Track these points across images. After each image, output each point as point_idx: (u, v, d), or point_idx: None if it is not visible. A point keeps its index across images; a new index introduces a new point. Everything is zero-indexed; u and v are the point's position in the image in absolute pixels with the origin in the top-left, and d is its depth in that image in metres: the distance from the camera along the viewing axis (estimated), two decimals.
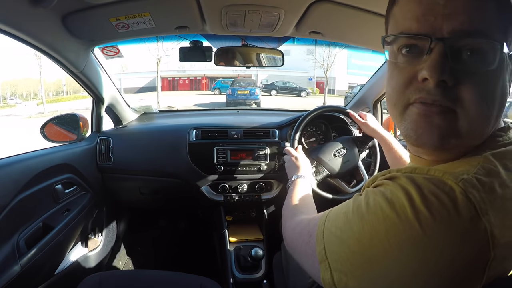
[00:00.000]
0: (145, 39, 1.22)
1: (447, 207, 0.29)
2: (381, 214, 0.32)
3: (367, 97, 1.50)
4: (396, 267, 0.30)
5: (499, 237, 0.28)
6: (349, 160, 1.06)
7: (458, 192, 0.29)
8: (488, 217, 0.28)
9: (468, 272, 0.29)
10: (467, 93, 0.32)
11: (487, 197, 0.29)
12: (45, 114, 12.57)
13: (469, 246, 0.28)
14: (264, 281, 1.14)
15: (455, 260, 0.28)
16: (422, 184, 0.31)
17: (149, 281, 0.90)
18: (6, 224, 0.78)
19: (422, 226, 0.29)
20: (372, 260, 0.32)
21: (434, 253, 0.29)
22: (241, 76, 14.66)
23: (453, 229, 0.28)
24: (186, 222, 1.77)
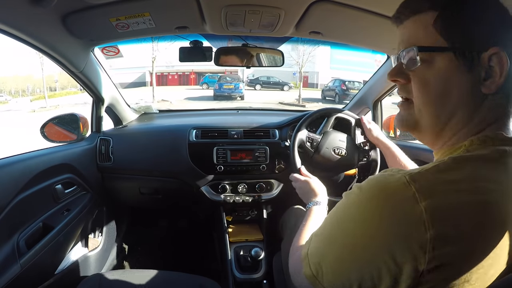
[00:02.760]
0: (144, 39, 1.22)
1: (388, 192, 0.37)
2: (341, 205, 0.44)
3: (367, 97, 1.50)
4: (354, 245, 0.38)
5: (435, 221, 0.34)
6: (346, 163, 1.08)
7: (402, 182, 0.36)
8: (424, 204, 0.34)
9: (408, 247, 0.34)
10: (414, 86, 0.44)
11: (428, 187, 0.35)
12: (47, 108, 12.87)
13: (406, 225, 0.35)
14: (264, 281, 1.13)
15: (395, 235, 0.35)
16: (375, 178, 0.40)
17: (149, 281, 0.90)
18: (6, 224, 0.78)
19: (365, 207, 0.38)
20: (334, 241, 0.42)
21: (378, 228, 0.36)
22: (227, 72, 15.40)
23: (391, 209, 0.36)
24: (186, 222, 1.77)
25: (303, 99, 12.85)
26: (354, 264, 0.38)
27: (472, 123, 0.41)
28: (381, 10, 0.85)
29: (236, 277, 1.14)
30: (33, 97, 18.86)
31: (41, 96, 18.45)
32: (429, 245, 0.33)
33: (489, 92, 0.40)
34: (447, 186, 0.36)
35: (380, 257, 0.36)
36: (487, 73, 0.39)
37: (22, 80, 26.98)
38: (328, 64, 19.06)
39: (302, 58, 13.33)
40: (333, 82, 13.86)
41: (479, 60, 0.39)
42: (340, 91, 12.76)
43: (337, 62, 18.56)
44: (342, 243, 0.40)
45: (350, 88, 12.57)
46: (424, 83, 0.43)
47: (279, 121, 1.37)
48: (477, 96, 0.40)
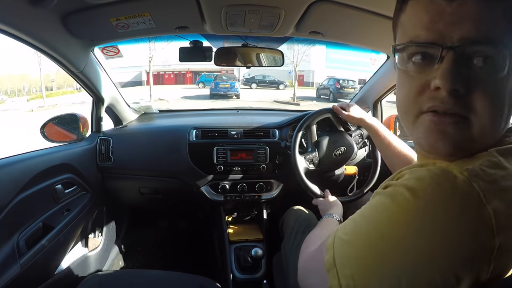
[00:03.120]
0: (143, 39, 1.21)
1: (448, 194, 0.29)
2: (384, 209, 0.33)
3: (367, 97, 1.50)
4: (403, 258, 0.30)
5: (503, 226, 0.29)
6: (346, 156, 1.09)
7: (461, 180, 0.29)
8: (492, 205, 0.28)
9: (473, 258, 0.29)
10: (479, 101, 0.32)
11: (491, 187, 0.29)
12: (45, 107, 12.92)
13: (473, 232, 0.29)
14: (264, 281, 1.14)
15: (459, 246, 0.29)
16: (425, 175, 0.31)
17: (149, 281, 0.90)
18: (6, 224, 0.78)
19: (424, 213, 0.30)
20: (379, 255, 0.32)
21: (438, 240, 0.29)
22: (223, 71, 15.51)
23: (455, 215, 0.29)
24: (186, 222, 1.77)
25: (298, 98, 12.96)
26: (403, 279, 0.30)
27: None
28: (381, 10, 0.85)
29: (236, 277, 1.14)
30: (30, 97, 18.82)
31: (38, 96, 18.51)
32: (496, 253, 0.29)
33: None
34: (505, 183, 0.30)
35: (438, 273, 0.29)
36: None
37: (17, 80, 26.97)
38: (323, 63, 19.31)
39: (296, 57, 13.54)
40: (327, 81, 14.02)
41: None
42: (334, 90, 12.88)
43: (333, 61, 18.80)
44: (385, 254, 0.31)
45: (344, 87, 12.69)
46: (498, 98, 0.32)
47: (279, 121, 1.37)
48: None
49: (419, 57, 0.35)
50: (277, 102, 12.17)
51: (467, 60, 0.32)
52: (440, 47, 0.32)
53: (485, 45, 0.31)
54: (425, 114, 0.35)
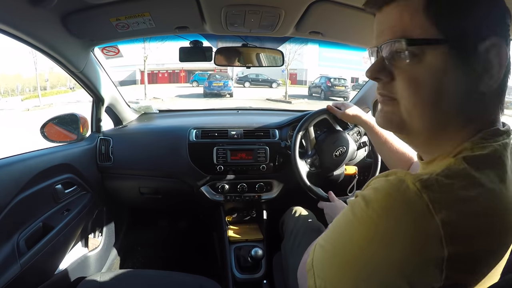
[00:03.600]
0: (144, 39, 1.21)
1: (398, 205, 0.32)
2: (345, 219, 0.38)
3: (367, 97, 1.50)
4: (362, 266, 0.34)
5: (454, 236, 0.30)
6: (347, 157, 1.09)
7: (412, 191, 0.31)
8: (441, 216, 0.30)
9: (422, 266, 0.31)
10: (400, 84, 0.38)
11: (443, 197, 0.31)
12: (41, 106, 12.91)
13: (420, 242, 0.30)
14: (264, 281, 1.14)
15: (408, 254, 0.31)
16: (382, 186, 0.34)
17: (149, 281, 0.90)
18: (6, 224, 0.78)
19: (376, 224, 0.33)
20: (345, 262, 0.36)
21: (389, 248, 0.32)
22: (217, 70, 15.71)
23: (404, 226, 0.31)
24: (186, 222, 1.77)
25: (290, 96, 13.15)
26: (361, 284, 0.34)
27: (472, 125, 0.37)
28: None
29: (236, 277, 1.14)
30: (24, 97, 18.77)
31: (32, 95, 18.53)
32: (446, 262, 0.30)
33: (488, 90, 0.35)
34: (462, 192, 0.32)
35: (391, 279, 0.32)
36: (485, 69, 0.35)
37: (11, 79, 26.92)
38: (316, 61, 19.60)
39: (288, 56, 13.73)
40: (319, 79, 14.26)
41: (477, 53, 0.34)
42: (326, 88, 13.14)
43: (326, 60, 19.11)
44: (348, 261, 0.35)
45: (335, 85, 13.03)
46: (414, 82, 0.37)
47: (279, 121, 1.37)
48: (475, 95, 0.36)
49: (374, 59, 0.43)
50: (269, 100, 12.38)
51: (393, 56, 0.38)
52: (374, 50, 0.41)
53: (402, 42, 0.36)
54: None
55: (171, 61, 19.37)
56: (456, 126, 0.37)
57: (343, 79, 13.60)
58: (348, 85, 13.49)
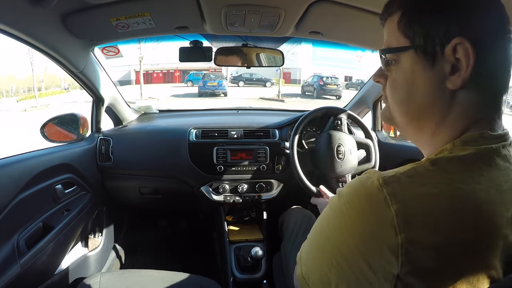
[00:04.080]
0: (143, 39, 1.21)
1: (361, 197, 0.37)
2: (323, 212, 0.44)
3: (367, 97, 1.50)
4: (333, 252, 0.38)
5: (406, 226, 0.33)
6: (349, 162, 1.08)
7: (375, 186, 0.36)
8: (395, 207, 0.34)
9: (381, 252, 0.34)
10: (388, 87, 0.45)
11: (400, 192, 0.35)
12: (38, 107, 12.90)
13: (378, 229, 0.34)
14: (264, 281, 1.14)
15: (368, 240, 0.35)
16: (354, 181, 0.40)
17: (149, 281, 0.90)
18: (6, 224, 0.78)
19: (343, 214, 0.38)
20: (320, 249, 0.42)
21: (352, 235, 0.36)
22: (211, 69, 15.99)
23: (364, 214, 0.36)
24: (186, 222, 1.77)
25: (283, 95, 13.38)
26: (333, 270, 0.38)
27: (448, 123, 0.40)
28: (381, 10, 0.85)
29: (236, 277, 1.14)
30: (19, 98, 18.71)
31: (27, 96, 18.48)
32: (400, 249, 0.33)
33: (455, 88, 0.38)
34: (421, 189, 0.35)
35: (356, 264, 0.36)
36: (455, 67, 0.37)
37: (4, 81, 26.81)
38: (310, 60, 19.78)
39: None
40: (311, 78, 14.55)
41: (443, 54, 0.38)
42: (318, 87, 13.49)
43: (319, 59, 19.32)
44: (322, 248, 0.41)
45: (327, 84, 13.45)
46: (393, 83, 0.44)
47: (279, 121, 1.37)
48: (444, 93, 0.39)
49: None
50: (262, 99, 12.67)
51: (385, 63, 0.45)
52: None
53: (390, 53, 0.43)
54: None
55: (165, 61, 19.50)
56: (431, 124, 0.42)
57: (335, 77, 14.08)
58: (339, 83, 13.89)
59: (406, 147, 1.26)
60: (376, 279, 0.35)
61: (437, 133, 0.41)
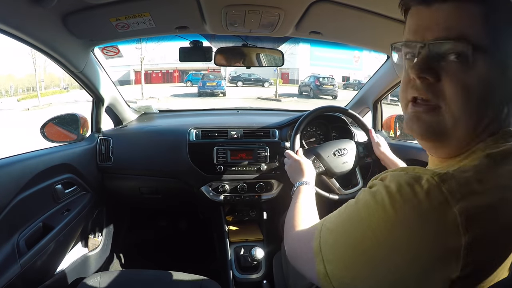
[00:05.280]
0: (144, 39, 1.21)
1: (418, 196, 0.33)
2: (365, 204, 0.38)
3: (367, 97, 1.50)
4: (374, 250, 0.35)
5: (470, 225, 0.31)
6: (347, 162, 1.06)
7: (431, 184, 0.33)
8: (458, 207, 0.31)
9: (441, 256, 0.32)
10: (448, 88, 0.37)
11: (459, 189, 0.32)
12: (40, 106, 13.03)
13: (439, 231, 0.32)
14: (264, 281, 1.14)
15: (427, 244, 0.32)
16: (402, 179, 0.35)
17: (149, 281, 0.90)
18: (6, 224, 0.78)
19: (396, 211, 0.34)
20: (354, 245, 0.37)
21: (409, 237, 0.33)
22: (210, 69, 16.20)
23: (424, 215, 0.33)
24: (186, 222, 1.77)
25: (280, 94, 13.61)
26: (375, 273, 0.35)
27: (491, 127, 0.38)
28: (381, 10, 0.85)
29: (236, 277, 1.14)
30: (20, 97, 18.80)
31: (28, 96, 18.58)
32: (463, 251, 0.31)
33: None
34: (478, 185, 0.33)
35: (408, 269, 0.33)
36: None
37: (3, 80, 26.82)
38: (308, 61, 19.91)
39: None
40: (308, 79, 14.78)
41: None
42: (314, 87, 13.69)
43: (317, 59, 19.47)
44: (364, 248, 0.36)
45: (323, 84, 13.68)
46: (464, 87, 0.36)
47: (279, 121, 1.37)
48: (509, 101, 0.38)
49: (409, 55, 0.42)
50: (260, 99, 12.93)
51: (441, 56, 0.37)
52: (417, 45, 0.39)
53: (456, 43, 0.36)
54: (410, 104, 0.42)
55: (164, 61, 19.60)
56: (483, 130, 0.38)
57: (331, 78, 14.35)
58: (336, 84, 14.06)
59: (406, 147, 1.26)
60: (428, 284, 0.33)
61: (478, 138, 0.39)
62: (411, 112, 0.41)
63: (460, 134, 0.38)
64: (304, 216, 0.64)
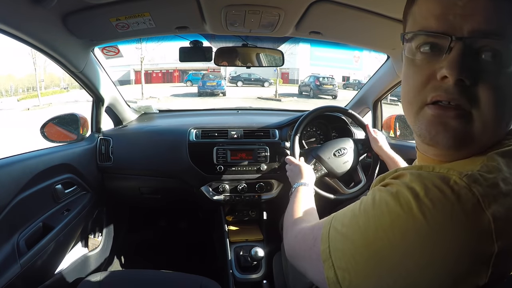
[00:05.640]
0: (144, 39, 1.21)
1: (450, 200, 0.29)
2: (386, 208, 0.33)
3: (367, 97, 1.50)
4: (401, 259, 0.31)
5: (503, 231, 0.29)
6: (348, 161, 1.06)
7: (461, 186, 0.30)
8: (491, 211, 0.29)
9: (472, 264, 0.29)
10: (483, 93, 0.32)
11: (490, 191, 0.29)
12: (41, 106, 13.04)
13: (472, 238, 0.29)
14: (264, 281, 1.14)
15: (458, 251, 0.29)
16: (427, 179, 0.31)
17: (149, 281, 0.90)
18: (6, 224, 0.78)
19: (426, 217, 0.30)
20: (377, 253, 0.32)
21: (438, 244, 0.29)
22: (210, 69, 16.23)
23: (456, 221, 0.29)
24: (186, 222, 1.77)
25: (280, 94, 13.67)
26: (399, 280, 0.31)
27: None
28: (382, 10, 0.85)
29: (236, 277, 1.14)
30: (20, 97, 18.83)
31: (28, 96, 18.61)
32: (494, 259, 0.29)
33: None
34: (505, 186, 0.30)
35: (435, 276, 0.30)
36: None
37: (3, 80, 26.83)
38: (308, 61, 19.96)
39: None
40: (308, 78, 14.85)
41: None
42: (314, 87, 13.74)
43: (317, 59, 19.51)
44: (386, 255, 0.32)
45: (323, 84, 13.73)
46: (500, 92, 0.32)
47: (279, 121, 1.37)
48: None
49: (428, 47, 0.35)
50: (260, 99, 13.03)
51: (475, 53, 0.32)
52: (450, 38, 0.33)
53: (495, 39, 0.31)
54: (428, 106, 0.36)
55: (165, 61, 19.63)
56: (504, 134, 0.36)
57: (331, 78, 14.41)
58: (335, 83, 14.10)
59: (406, 147, 1.26)
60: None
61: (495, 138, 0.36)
62: (433, 117, 0.35)
63: (485, 142, 0.34)
64: (304, 215, 0.64)
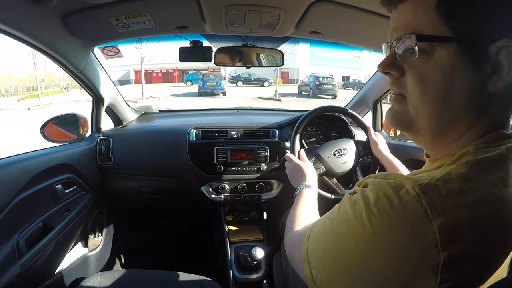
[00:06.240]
0: (144, 39, 1.21)
1: (396, 210, 0.32)
2: (345, 216, 0.38)
3: (367, 97, 1.50)
4: (357, 264, 0.35)
5: (450, 241, 0.30)
6: (347, 162, 1.06)
7: (411, 196, 0.32)
8: (438, 222, 0.30)
9: (417, 272, 0.31)
10: (409, 80, 0.39)
11: (441, 202, 0.31)
12: (41, 106, 13.06)
13: (415, 248, 0.31)
14: (264, 281, 1.14)
15: (402, 260, 0.31)
16: (381, 188, 0.35)
17: (149, 281, 0.90)
18: (6, 224, 0.78)
19: (372, 226, 0.33)
20: (339, 258, 0.37)
21: (384, 252, 0.32)
22: (210, 69, 16.31)
23: (400, 230, 0.32)
24: (186, 222, 1.77)
25: (280, 94, 13.73)
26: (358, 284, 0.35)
27: (478, 126, 0.37)
28: (381, 10, 0.85)
29: (236, 277, 1.14)
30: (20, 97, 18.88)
31: (28, 95, 18.69)
32: (441, 267, 0.30)
33: (495, 91, 0.35)
34: (460, 197, 0.32)
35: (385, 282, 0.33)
36: (494, 69, 0.34)
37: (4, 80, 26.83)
38: (308, 60, 19.99)
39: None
40: (308, 78, 14.89)
41: (487, 53, 0.34)
42: (314, 86, 13.80)
43: (317, 59, 19.56)
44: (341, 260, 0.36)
45: (322, 83, 13.78)
46: (422, 79, 0.37)
47: (279, 121, 1.37)
48: (483, 95, 0.35)
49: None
50: (260, 98, 13.09)
51: (404, 52, 0.38)
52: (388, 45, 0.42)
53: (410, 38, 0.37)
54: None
55: (165, 60, 19.63)
56: (462, 126, 0.37)
57: (331, 78, 14.47)
58: (335, 83, 14.14)
59: (406, 147, 1.26)
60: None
61: (461, 138, 0.38)
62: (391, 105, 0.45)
63: (425, 124, 0.39)
64: (304, 219, 0.64)
